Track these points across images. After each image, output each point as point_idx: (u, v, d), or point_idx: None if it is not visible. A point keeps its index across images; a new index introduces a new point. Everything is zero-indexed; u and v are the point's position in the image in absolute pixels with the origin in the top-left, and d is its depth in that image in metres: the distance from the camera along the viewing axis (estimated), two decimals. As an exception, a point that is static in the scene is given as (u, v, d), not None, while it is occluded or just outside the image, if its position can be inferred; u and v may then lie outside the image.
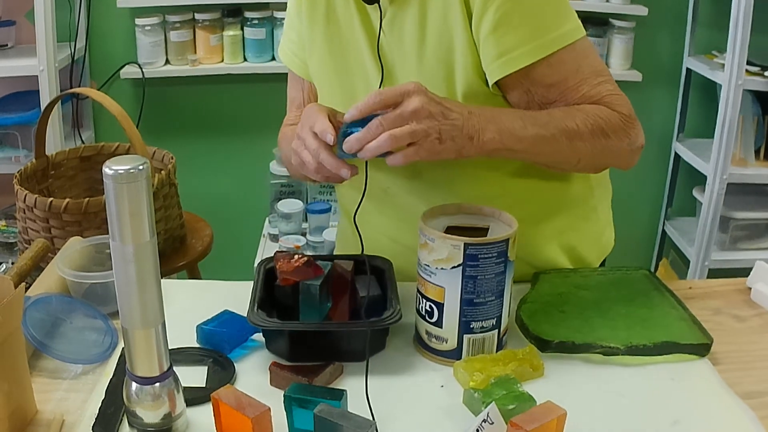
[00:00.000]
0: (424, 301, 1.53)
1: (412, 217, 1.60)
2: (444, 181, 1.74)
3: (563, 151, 1.62)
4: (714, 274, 3.73)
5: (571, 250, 1.86)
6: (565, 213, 1.86)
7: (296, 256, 1.55)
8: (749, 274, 1.84)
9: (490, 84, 1.66)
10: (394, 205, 1.81)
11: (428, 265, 1.50)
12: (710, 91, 3.98)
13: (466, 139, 1.51)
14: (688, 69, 3.97)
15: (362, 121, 1.48)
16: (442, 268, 1.47)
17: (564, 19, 1.65)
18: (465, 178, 1.73)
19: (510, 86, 1.66)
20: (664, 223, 4.26)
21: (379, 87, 1.71)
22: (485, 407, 1.26)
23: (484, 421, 1.23)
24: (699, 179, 3.88)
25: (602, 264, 2.02)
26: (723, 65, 3.58)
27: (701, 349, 1.55)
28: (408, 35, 1.69)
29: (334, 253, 2.11)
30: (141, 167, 1.16)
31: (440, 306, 1.50)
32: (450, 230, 1.52)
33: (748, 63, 3.50)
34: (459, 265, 1.46)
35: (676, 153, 4.08)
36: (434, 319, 1.52)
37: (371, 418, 1.32)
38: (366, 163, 1.56)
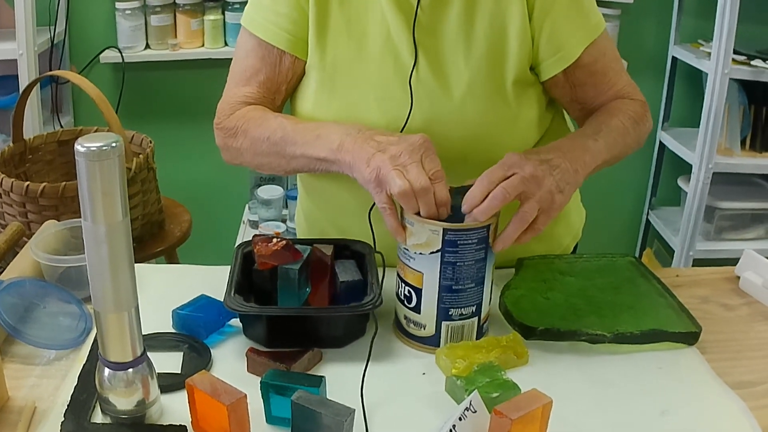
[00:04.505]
0: (403, 285, 1.51)
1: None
2: None
3: (622, 150, 1.71)
4: (699, 264, 3.72)
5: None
6: None
7: (275, 240, 1.52)
8: (735, 264, 1.82)
9: (542, 78, 1.72)
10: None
11: (407, 250, 1.47)
12: (696, 80, 3.97)
13: (574, 173, 1.55)
14: (673, 57, 3.96)
15: None
16: (420, 253, 1.45)
17: (593, 2, 1.74)
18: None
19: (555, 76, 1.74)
20: (648, 212, 4.26)
21: (412, 70, 1.66)
22: (468, 395, 1.24)
23: (467, 409, 1.21)
24: (684, 168, 3.88)
25: (575, 249, 2.01)
26: (709, 54, 3.57)
27: (689, 337, 1.53)
28: (454, 17, 1.66)
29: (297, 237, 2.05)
30: (114, 144, 1.13)
31: (418, 291, 1.48)
32: None
33: (735, 52, 3.49)
34: (438, 251, 1.43)
35: (661, 142, 4.08)
36: (412, 305, 1.50)
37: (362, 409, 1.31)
38: None
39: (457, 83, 1.66)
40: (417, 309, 1.50)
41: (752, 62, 3.52)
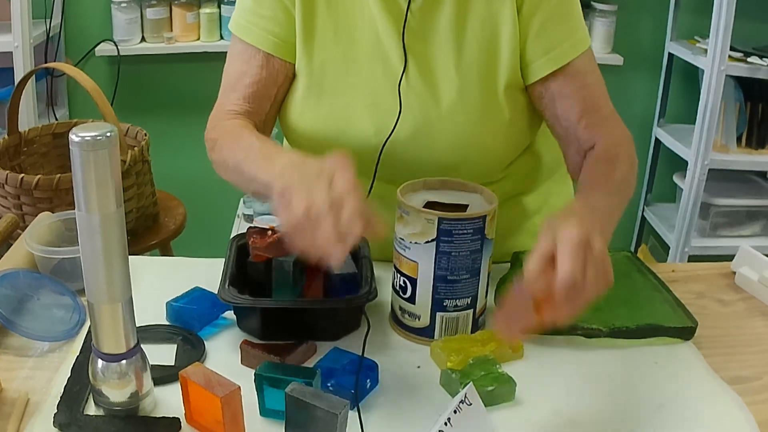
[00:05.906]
0: (399, 276, 1.51)
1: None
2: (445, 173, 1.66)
3: (628, 201, 1.60)
4: (694, 260, 3.72)
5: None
6: (550, 179, 1.90)
7: (269, 232, 1.52)
8: (730, 260, 1.82)
9: (531, 80, 1.66)
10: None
11: (403, 239, 1.47)
12: (692, 76, 3.97)
13: (604, 238, 1.38)
14: (670, 54, 3.96)
15: None
16: (416, 243, 1.45)
17: (582, 17, 1.70)
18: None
19: (542, 83, 1.67)
20: (643, 208, 4.26)
21: (401, 75, 1.63)
22: (463, 388, 1.23)
23: (462, 402, 1.20)
24: (680, 165, 3.88)
25: None
26: (705, 50, 3.57)
27: (685, 332, 1.53)
28: (445, 22, 1.63)
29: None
30: (108, 134, 1.13)
31: (413, 281, 1.48)
32: (430, 205, 1.48)
33: (731, 49, 3.49)
34: (432, 240, 1.43)
35: (656, 138, 4.08)
36: (407, 295, 1.50)
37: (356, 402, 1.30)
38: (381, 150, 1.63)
39: (447, 89, 1.64)
40: (412, 299, 1.49)
41: (748, 59, 3.52)
